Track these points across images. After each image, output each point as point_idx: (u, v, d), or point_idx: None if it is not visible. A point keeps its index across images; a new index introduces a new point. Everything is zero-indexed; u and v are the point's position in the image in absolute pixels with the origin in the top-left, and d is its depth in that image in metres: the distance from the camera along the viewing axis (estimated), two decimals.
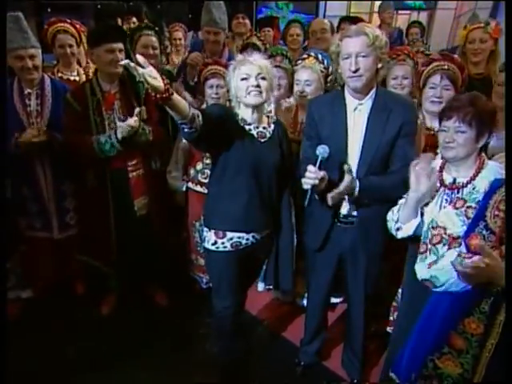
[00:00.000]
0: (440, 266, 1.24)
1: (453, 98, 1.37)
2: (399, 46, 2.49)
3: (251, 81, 1.51)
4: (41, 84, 2.07)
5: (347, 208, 1.60)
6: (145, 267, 2.23)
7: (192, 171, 2.22)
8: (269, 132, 1.62)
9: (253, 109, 1.57)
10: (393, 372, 1.44)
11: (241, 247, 1.62)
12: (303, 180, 1.43)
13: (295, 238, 1.72)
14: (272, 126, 1.64)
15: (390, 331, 1.85)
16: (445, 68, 1.77)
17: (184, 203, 2.32)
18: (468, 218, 1.22)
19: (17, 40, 1.92)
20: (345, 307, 2.10)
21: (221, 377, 1.88)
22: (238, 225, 1.59)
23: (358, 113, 1.53)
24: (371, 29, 1.43)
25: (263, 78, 1.52)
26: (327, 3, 6.30)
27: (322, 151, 1.42)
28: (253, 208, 1.58)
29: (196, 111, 1.35)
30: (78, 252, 2.26)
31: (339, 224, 1.64)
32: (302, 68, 1.96)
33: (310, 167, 1.42)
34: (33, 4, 5.52)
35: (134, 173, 2.04)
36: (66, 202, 2.22)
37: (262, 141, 1.59)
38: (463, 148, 1.25)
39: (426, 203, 1.35)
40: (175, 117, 1.33)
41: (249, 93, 1.51)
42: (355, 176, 1.51)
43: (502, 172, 1.23)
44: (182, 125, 1.35)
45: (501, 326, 1.20)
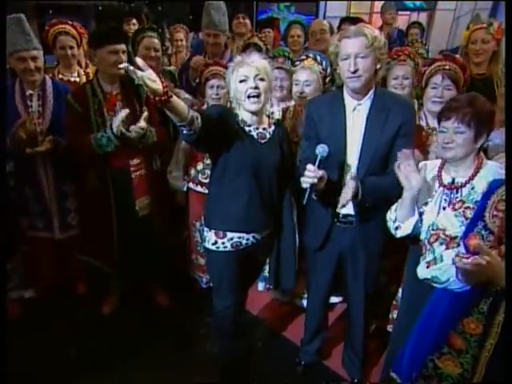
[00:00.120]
0: (439, 266, 1.24)
1: (451, 99, 1.37)
2: (399, 47, 2.50)
3: (249, 83, 1.50)
4: (42, 85, 2.07)
5: (347, 208, 1.60)
6: (146, 267, 2.24)
7: (192, 171, 2.23)
8: (269, 133, 1.61)
9: (253, 112, 1.56)
10: (394, 372, 1.44)
11: (241, 247, 1.62)
12: (302, 179, 1.43)
13: (297, 238, 1.72)
14: (272, 127, 1.63)
15: (391, 330, 1.85)
16: (446, 68, 1.77)
17: (184, 203, 2.33)
18: (466, 219, 1.22)
19: (19, 42, 1.93)
20: (345, 307, 2.10)
21: (221, 376, 1.88)
22: (238, 225, 1.59)
23: (357, 113, 1.53)
24: (370, 29, 1.43)
25: (261, 79, 1.51)
26: (327, 4, 6.31)
27: (322, 150, 1.42)
28: (253, 208, 1.58)
29: (195, 113, 1.35)
30: (80, 252, 2.26)
31: (339, 224, 1.64)
32: (301, 69, 1.96)
33: (310, 166, 1.41)
34: (35, 6, 5.55)
35: (137, 173, 2.04)
36: (68, 203, 2.23)
37: (262, 142, 1.59)
38: (462, 148, 1.26)
39: (426, 203, 1.35)
40: (174, 119, 1.33)
41: (248, 97, 1.51)
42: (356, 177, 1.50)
43: (502, 172, 1.23)
44: (181, 127, 1.36)
45: (499, 326, 1.20)
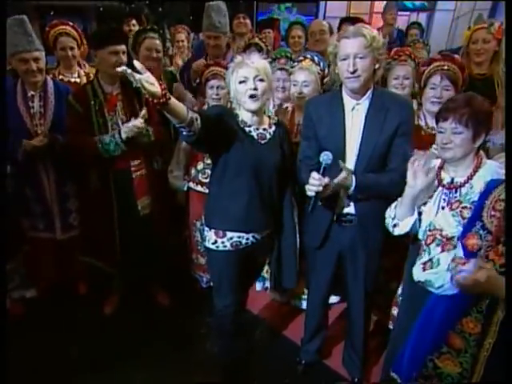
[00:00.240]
0: (435, 271, 1.24)
1: (449, 100, 1.37)
2: (399, 47, 2.50)
3: (249, 84, 1.50)
4: (44, 86, 2.08)
5: (346, 207, 1.61)
6: (147, 267, 2.24)
7: (193, 171, 2.24)
8: (269, 133, 1.61)
9: (253, 111, 1.57)
10: (394, 372, 1.44)
11: (241, 247, 1.63)
12: (307, 187, 1.43)
13: (298, 238, 1.72)
14: (273, 128, 1.63)
15: (391, 327, 1.86)
16: (445, 68, 1.77)
17: (185, 203, 2.34)
18: (463, 219, 1.22)
19: (21, 43, 1.94)
20: (344, 306, 2.11)
21: (221, 376, 1.89)
22: (238, 225, 1.60)
23: (356, 113, 1.53)
24: (369, 30, 1.44)
25: (261, 80, 1.51)
26: (327, 4, 6.32)
27: (326, 158, 1.41)
28: (253, 208, 1.58)
29: (194, 114, 1.36)
30: (81, 253, 2.27)
31: (338, 222, 1.64)
32: (300, 70, 1.96)
33: (314, 174, 1.41)
34: (36, 7, 5.56)
35: (138, 173, 2.05)
36: (69, 203, 2.24)
37: (263, 142, 1.59)
38: (460, 148, 1.26)
39: (425, 202, 1.36)
40: (173, 120, 1.33)
41: (247, 97, 1.51)
42: (352, 171, 1.51)
43: (501, 171, 1.23)
44: (181, 128, 1.36)
45: (498, 325, 1.20)
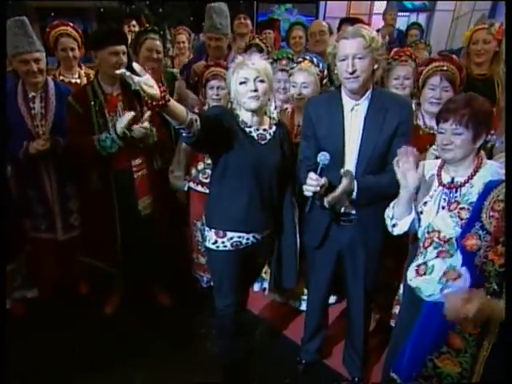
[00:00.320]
0: (427, 278, 1.23)
1: (448, 100, 1.36)
2: (399, 47, 2.51)
3: (249, 85, 1.50)
4: (45, 87, 2.09)
5: (346, 207, 1.61)
6: (148, 267, 2.25)
7: (193, 171, 2.24)
8: (269, 134, 1.61)
9: (253, 112, 1.57)
10: (394, 372, 1.44)
11: (241, 247, 1.63)
12: (304, 187, 1.43)
13: (298, 238, 1.72)
14: (273, 128, 1.63)
15: (393, 325, 1.86)
16: (444, 69, 1.77)
17: (186, 203, 2.34)
18: (461, 219, 1.22)
19: (22, 44, 1.95)
20: (343, 306, 2.11)
21: (222, 376, 1.89)
22: (238, 225, 1.60)
23: (355, 113, 1.54)
24: (368, 30, 1.44)
25: (261, 81, 1.51)
26: (327, 5, 6.32)
27: (323, 158, 1.42)
28: (253, 208, 1.59)
29: (194, 116, 1.36)
30: (82, 253, 2.27)
31: (338, 222, 1.64)
32: (299, 71, 1.96)
33: (312, 174, 1.41)
34: (36, 9, 5.56)
35: (139, 173, 2.06)
36: (70, 204, 2.24)
37: (263, 143, 1.59)
38: (461, 149, 1.26)
39: (425, 203, 1.36)
40: (173, 122, 1.33)
41: (247, 98, 1.51)
42: (353, 176, 1.51)
43: (501, 171, 1.23)
44: (180, 130, 1.36)
45: (497, 325, 1.20)
